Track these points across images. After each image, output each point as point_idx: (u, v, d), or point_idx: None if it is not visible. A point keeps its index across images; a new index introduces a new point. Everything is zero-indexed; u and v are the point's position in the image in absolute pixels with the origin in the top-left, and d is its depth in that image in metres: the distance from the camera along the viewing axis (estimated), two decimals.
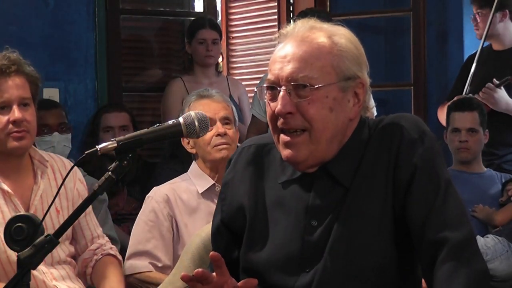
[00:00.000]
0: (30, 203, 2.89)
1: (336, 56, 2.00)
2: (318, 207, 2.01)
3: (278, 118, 2.00)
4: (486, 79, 4.84)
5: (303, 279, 1.99)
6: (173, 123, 2.01)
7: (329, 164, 2.02)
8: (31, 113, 2.91)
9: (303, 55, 1.98)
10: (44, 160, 3.00)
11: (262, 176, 2.11)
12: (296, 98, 1.98)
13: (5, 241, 2.04)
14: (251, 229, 2.09)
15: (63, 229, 1.94)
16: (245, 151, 2.17)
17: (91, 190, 1.93)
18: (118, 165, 1.93)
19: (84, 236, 3.07)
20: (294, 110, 1.98)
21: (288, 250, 2.02)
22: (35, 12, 4.92)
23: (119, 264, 3.10)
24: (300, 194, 2.05)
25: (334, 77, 1.98)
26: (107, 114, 4.75)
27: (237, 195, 2.13)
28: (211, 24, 5.20)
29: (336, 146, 2.01)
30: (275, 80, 2.00)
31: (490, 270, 4.10)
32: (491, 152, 4.82)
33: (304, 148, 1.99)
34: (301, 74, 1.97)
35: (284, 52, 2.00)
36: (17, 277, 1.87)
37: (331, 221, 1.99)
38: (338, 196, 2.01)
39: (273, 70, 2.01)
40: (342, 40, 2.02)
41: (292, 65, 1.98)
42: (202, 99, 3.35)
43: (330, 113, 1.98)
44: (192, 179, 3.36)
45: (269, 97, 2.03)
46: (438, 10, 5.76)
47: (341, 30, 2.05)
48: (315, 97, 1.97)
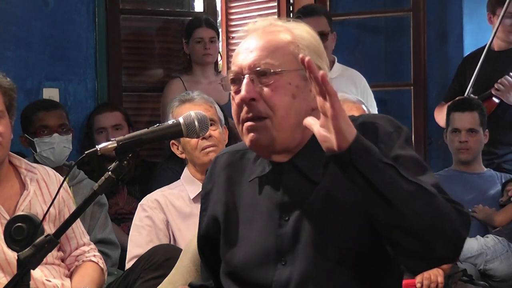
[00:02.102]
0: (17, 209, 2.90)
1: (297, 46, 2.04)
2: (288, 202, 2.04)
3: (242, 108, 2.02)
4: (489, 79, 4.85)
5: (281, 273, 2.02)
6: (173, 123, 2.01)
7: (296, 158, 2.05)
8: (5, 124, 2.91)
9: (265, 44, 2.03)
10: (32, 168, 3.02)
11: (235, 181, 2.14)
12: (259, 85, 2.01)
13: (5, 241, 2.04)
14: (225, 233, 2.12)
15: (63, 229, 1.94)
16: (219, 160, 2.20)
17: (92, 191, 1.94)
18: (118, 165, 1.93)
19: (70, 243, 3.08)
20: (257, 97, 2.00)
21: (262, 246, 2.05)
22: (35, 12, 4.91)
23: (99, 270, 3.10)
24: (271, 192, 2.07)
25: (296, 64, 2.01)
26: (99, 115, 4.75)
27: (213, 206, 2.17)
28: (207, 22, 5.20)
29: (300, 136, 2.03)
30: (238, 70, 2.04)
31: (490, 270, 4.13)
32: (491, 151, 4.82)
33: (266, 132, 2.01)
34: (263, 61, 2.01)
35: (246, 45, 2.05)
36: (17, 277, 1.87)
37: (301, 214, 2.02)
38: (308, 190, 2.03)
39: (236, 61, 2.06)
40: (302, 32, 2.07)
41: (254, 54, 2.02)
42: (184, 104, 3.36)
43: (293, 99, 2.01)
44: (184, 184, 3.38)
45: (234, 90, 2.06)
46: (438, 10, 5.76)
47: (299, 24, 2.10)
48: (278, 83, 2.00)
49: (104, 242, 3.87)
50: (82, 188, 3.97)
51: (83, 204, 1.93)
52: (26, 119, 4.12)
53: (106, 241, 3.88)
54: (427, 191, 1.85)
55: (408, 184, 1.83)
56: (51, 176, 3.05)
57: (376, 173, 1.81)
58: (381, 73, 5.90)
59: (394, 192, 1.82)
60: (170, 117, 3.27)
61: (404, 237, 1.84)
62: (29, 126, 4.11)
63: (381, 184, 1.81)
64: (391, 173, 1.83)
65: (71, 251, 3.07)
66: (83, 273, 3.03)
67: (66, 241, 3.06)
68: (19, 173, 3.00)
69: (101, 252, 3.65)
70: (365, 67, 5.37)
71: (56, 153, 4.07)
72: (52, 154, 4.06)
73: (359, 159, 1.80)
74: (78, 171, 4.05)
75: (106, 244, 3.87)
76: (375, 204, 1.83)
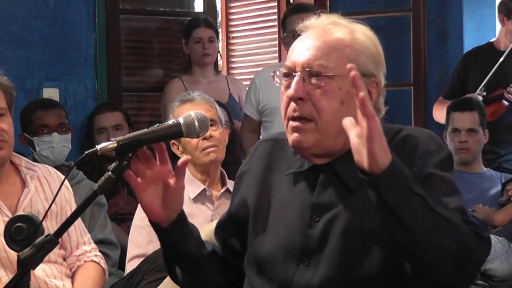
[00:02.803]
0: (18, 206, 2.90)
1: (354, 51, 2.01)
2: (322, 204, 2.03)
3: (290, 105, 2.01)
4: (496, 79, 4.84)
5: (303, 274, 2.00)
6: (173, 123, 2.01)
7: (336, 162, 2.03)
8: (8, 122, 2.92)
9: (322, 44, 2.00)
10: (32, 166, 3.02)
11: (273, 169, 2.13)
12: (310, 86, 1.99)
13: (5, 241, 2.04)
14: (255, 221, 2.10)
15: (63, 229, 1.94)
16: (263, 144, 2.19)
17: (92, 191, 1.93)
18: (118, 165, 1.93)
19: (70, 242, 3.07)
20: (305, 97, 1.98)
21: (289, 243, 2.03)
22: (35, 12, 4.92)
23: (101, 271, 3.09)
24: (305, 190, 2.06)
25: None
26: (99, 115, 4.75)
27: (246, 189, 2.15)
28: (206, 22, 5.21)
29: (343, 141, 1.99)
30: (291, 66, 2.02)
31: (490, 270, 4.13)
32: (494, 151, 4.83)
33: (310, 135, 1.99)
34: (317, 62, 1.98)
35: (303, 41, 2.03)
36: (17, 277, 1.87)
37: (333, 218, 2.00)
38: (343, 196, 2.01)
39: (291, 57, 2.03)
40: (362, 36, 2.04)
41: (309, 53, 2.00)
42: (184, 104, 3.36)
43: (340, 105, 1.98)
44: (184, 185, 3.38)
45: (285, 84, 2.04)
46: (438, 10, 5.76)
47: (362, 27, 2.07)
48: (328, 87, 1.98)
49: (104, 242, 3.86)
50: (81, 188, 3.97)
51: (83, 204, 1.93)
52: (26, 118, 4.12)
53: (105, 241, 3.88)
54: (451, 223, 1.84)
55: (432, 217, 1.82)
56: (52, 174, 3.05)
57: (402, 205, 1.80)
58: None
59: (416, 224, 1.80)
60: (171, 117, 3.27)
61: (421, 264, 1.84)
62: (28, 125, 4.11)
63: (404, 215, 1.80)
64: (417, 204, 1.81)
65: (71, 249, 3.07)
66: (85, 274, 3.03)
67: (67, 239, 3.06)
68: (19, 171, 3.00)
69: (101, 252, 3.65)
70: None
71: (55, 152, 4.07)
72: (52, 153, 4.06)
73: (387, 189, 1.79)
74: (77, 171, 4.05)
75: (106, 244, 3.87)
76: (395, 230, 1.83)
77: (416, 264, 1.87)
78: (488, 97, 4.85)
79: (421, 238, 1.81)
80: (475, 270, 1.90)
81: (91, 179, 4.07)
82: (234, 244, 2.18)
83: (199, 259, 2.10)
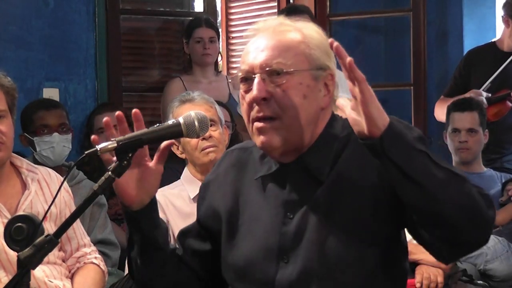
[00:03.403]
0: (18, 208, 2.90)
1: (307, 46, 2.04)
2: (294, 200, 2.05)
3: (253, 107, 2.02)
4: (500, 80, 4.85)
5: (283, 271, 2.02)
6: (173, 123, 2.01)
7: (303, 157, 2.05)
8: (7, 124, 2.91)
9: (277, 43, 2.03)
10: (33, 168, 3.02)
11: (242, 177, 2.15)
12: (271, 85, 2.01)
13: (5, 241, 2.04)
14: (230, 229, 2.12)
15: (63, 229, 1.93)
16: (229, 155, 2.22)
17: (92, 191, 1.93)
18: (118, 165, 1.93)
19: (71, 244, 3.07)
20: (269, 96, 2.00)
21: (266, 243, 2.05)
22: (35, 12, 4.92)
23: (101, 273, 3.09)
24: (276, 190, 2.08)
25: (307, 64, 2.02)
26: (99, 115, 4.76)
27: (215, 198, 2.17)
28: (207, 22, 5.21)
29: (309, 135, 2.04)
30: (249, 69, 2.03)
31: (490, 270, 4.13)
32: (497, 150, 4.83)
33: (278, 134, 2.01)
34: (275, 61, 2.01)
35: (257, 44, 2.05)
36: (17, 277, 1.87)
37: (306, 213, 2.03)
38: (314, 189, 2.03)
39: (247, 60, 2.04)
40: (311, 32, 2.07)
41: (265, 53, 2.02)
42: (184, 104, 3.36)
43: (303, 100, 2.01)
44: (184, 184, 3.39)
45: (244, 89, 2.05)
46: (438, 10, 5.76)
47: (308, 24, 2.10)
48: (289, 83, 2.00)
49: (104, 243, 3.86)
50: (81, 189, 3.97)
51: (83, 204, 1.93)
52: (26, 118, 4.12)
53: (106, 241, 3.88)
54: (459, 176, 1.88)
55: (440, 170, 1.85)
56: (52, 177, 3.05)
57: (409, 162, 1.83)
58: (381, 73, 5.90)
59: (427, 179, 1.83)
60: (171, 117, 3.27)
61: (437, 221, 1.86)
62: (29, 125, 4.11)
63: (414, 172, 1.83)
64: (424, 160, 1.85)
65: (71, 251, 3.07)
66: (85, 275, 3.04)
67: (67, 241, 3.06)
68: (20, 173, 3.00)
69: (101, 252, 3.65)
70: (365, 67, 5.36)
71: (56, 153, 4.07)
72: (52, 153, 4.06)
73: (391, 148, 1.82)
74: (77, 172, 4.05)
75: (106, 244, 3.87)
76: (408, 190, 1.85)
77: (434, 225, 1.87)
78: (492, 97, 4.85)
79: (436, 192, 1.83)
80: (488, 225, 1.91)
81: (91, 179, 4.07)
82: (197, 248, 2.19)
83: (163, 252, 2.11)
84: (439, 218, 1.85)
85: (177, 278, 2.16)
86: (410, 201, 1.87)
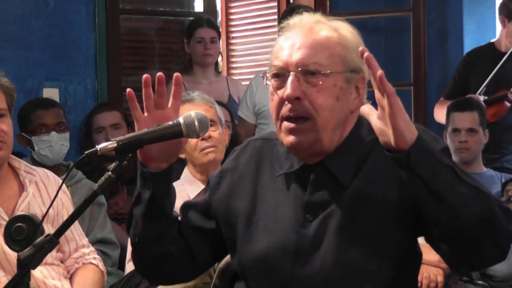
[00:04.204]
0: (16, 210, 2.90)
1: (343, 47, 2.02)
2: (315, 203, 2.03)
3: (284, 105, 2.00)
4: (498, 81, 4.84)
5: (299, 273, 2.00)
6: (173, 123, 2.01)
7: (327, 159, 2.03)
8: (8, 123, 2.91)
9: (313, 43, 2.00)
10: (31, 170, 3.02)
11: (263, 170, 2.12)
12: (305, 84, 1.99)
13: (5, 241, 2.04)
14: (247, 224, 2.09)
15: (63, 229, 1.94)
16: (252, 144, 2.18)
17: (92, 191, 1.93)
18: (118, 165, 1.93)
19: (69, 245, 3.07)
20: (302, 96, 1.98)
21: (283, 243, 2.03)
22: (35, 12, 4.92)
23: (100, 273, 3.08)
24: (297, 189, 2.05)
25: (342, 66, 2.00)
26: (97, 115, 4.76)
27: (234, 189, 2.13)
28: (208, 23, 5.21)
29: (338, 138, 2.03)
30: (284, 66, 2.01)
31: (490, 270, 4.12)
32: (497, 150, 4.83)
33: (309, 135, 1.99)
34: (311, 61, 1.99)
35: (292, 41, 2.02)
36: (17, 277, 1.87)
37: (326, 217, 2.01)
38: (335, 193, 2.01)
39: (281, 56, 2.02)
40: (347, 33, 2.05)
41: (302, 52, 2.00)
42: (184, 104, 3.35)
43: (336, 102, 2.00)
44: (184, 184, 3.38)
45: (275, 85, 2.02)
46: (438, 10, 5.76)
47: (344, 24, 2.08)
48: (324, 84, 1.98)
49: (104, 242, 3.87)
50: (80, 188, 3.97)
51: (83, 204, 1.93)
52: (24, 118, 4.12)
53: (105, 241, 3.88)
54: (482, 192, 1.86)
55: (465, 186, 1.84)
56: (50, 178, 3.05)
57: (435, 177, 1.82)
58: None
59: (452, 195, 1.82)
60: None
61: (458, 236, 1.85)
62: (27, 125, 4.11)
63: (439, 187, 1.82)
64: (449, 175, 1.84)
65: (70, 252, 3.07)
66: (84, 276, 3.03)
67: (65, 242, 3.06)
68: (18, 174, 3.00)
69: (101, 252, 3.65)
70: None
71: (54, 151, 4.07)
72: (50, 152, 4.06)
73: (418, 163, 1.80)
74: (76, 171, 4.05)
75: (105, 244, 3.88)
76: (432, 205, 1.84)
77: (454, 240, 1.86)
78: (490, 98, 4.85)
79: (458, 208, 1.82)
80: (507, 241, 1.90)
81: (91, 179, 4.07)
82: (199, 224, 2.14)
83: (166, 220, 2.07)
84: (460, 233, 1.84)
85: (169, 249, 2.10)
86: (433, 216, 1.86)
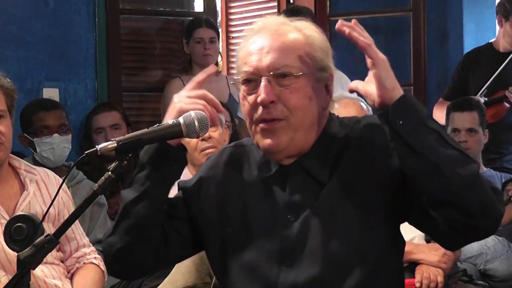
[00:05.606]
0: (16, 209, 2.90)
1: (311, 47, 2.04)
2: (295, 203, 2.03)
3: (257, 109, 2.01)
4: (498, 81, 4.85)
5: (286, 275, 2.01)
6: (173, 123, 2.01)
7: (303, 159, 2.05)
8: (6, 125, 2.91)
9: (281, 46, 2.02)
10: (32, 169, 3.02)
11: (240, 176, 2.12)
12: (278, 88, 2.00)
13: (5, 241, 2.04)
14: (228, 233, 2.08)
15: (63, 229, 1.94)
16: (226, 152, 2.19)
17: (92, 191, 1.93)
18: (118, 165, 1.93)
19: (70, 244, 3.07)
20: (276, 99, 2.00)
21: (268, 246, 2.04)
22: (35, 12, 4.92)
23: (101, 273, 3.09)
24: (277, 192, 2.06)
25: (311, 66, 2.03)
26: (97, 115, 4.77)
27: (209, 199, 2.12)
28: (208, 23, 5.21)
29: (313, 136, 2.05)
30: (254, 71, 2.02)
31: (490, 270, 4.13)
32: (497, 150, 4.83)
33: (284, 135, 2.01)
34: (282, 64, 2.00)
35: (259, 45, 2.03)
36: (17, 277, 1.87)
37: (308, 216, 2.01)
38: (315, 191, 2.03)
39: (250, 62, 2.03)
40: (312, 32, 2.07)
41: (271, 56, 2.01)
42: None
43: (309, 101, 2.02)
44: None
45: (246, 90, 2.04)
46: (438, 10, 5.76)
47: (308, 24, 2.09)
48: (296, 86, 2.00)
49: None
50: (81, 189, 3.97)
51: (83, 204, 1.93)
52: (26, 119, 4.12)
53: None
54: (470, 158, 1.89)
55: (451, 149, 1.86)
56: (50, 178, 3.05)
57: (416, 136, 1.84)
58: None
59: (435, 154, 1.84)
60: None
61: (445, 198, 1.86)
62: (29, 126, 4.11)
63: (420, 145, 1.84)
64: (433, 137, 1.86)
65: (71, 252, 3.07)
66: (85, 275, 3.03)
67: (66, 241, 3.06)
68: (18, 174, 3.00)
69: (101, 252, 3.65)
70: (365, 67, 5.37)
71: (56, 154, 4.07)
72: (52, 154, 4.06)
73: (398, 119, 1.84)
74: (77, 172, 4.05)
75: None
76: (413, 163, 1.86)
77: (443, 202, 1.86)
78: (489, 99, 4.85)
79: (441, 164, 1.84)
80: (496, 212, 1.91)
81: (91, 179, 4.07)
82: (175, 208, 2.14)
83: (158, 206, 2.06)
84: (447, 194, 1.85)
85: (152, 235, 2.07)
86: (417, 176, 1.87)
